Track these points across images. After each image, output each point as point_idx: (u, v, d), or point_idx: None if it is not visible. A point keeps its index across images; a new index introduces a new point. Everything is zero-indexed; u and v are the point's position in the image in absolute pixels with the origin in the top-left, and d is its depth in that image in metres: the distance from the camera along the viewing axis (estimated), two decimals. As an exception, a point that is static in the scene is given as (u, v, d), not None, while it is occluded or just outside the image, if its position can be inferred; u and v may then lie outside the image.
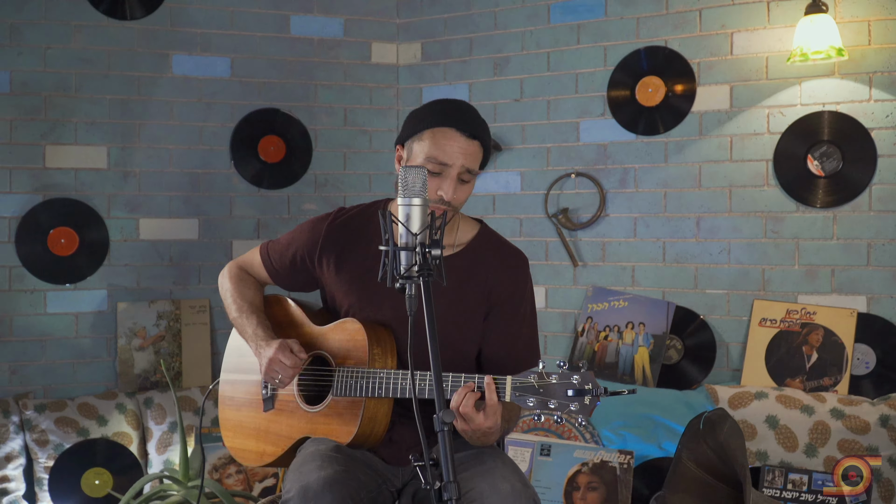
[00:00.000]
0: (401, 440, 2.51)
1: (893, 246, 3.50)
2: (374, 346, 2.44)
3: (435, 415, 1.88)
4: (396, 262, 2.03)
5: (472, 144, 2.36)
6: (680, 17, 3.85)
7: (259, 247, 2.74)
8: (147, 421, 3.98)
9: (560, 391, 2.12)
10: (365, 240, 2.55)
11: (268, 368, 2.48)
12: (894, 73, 3.46)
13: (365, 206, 2.63)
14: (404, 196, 2.03)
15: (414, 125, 2.41)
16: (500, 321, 2.48)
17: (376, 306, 2.50)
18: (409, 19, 4.41)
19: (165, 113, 4.14)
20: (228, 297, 2.71)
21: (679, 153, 3.87)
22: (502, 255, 2.52)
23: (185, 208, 4.18)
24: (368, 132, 4.41)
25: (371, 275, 2.51)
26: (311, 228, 2.63)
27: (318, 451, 2.36)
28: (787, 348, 3.62)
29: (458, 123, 2.35)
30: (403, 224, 2.03)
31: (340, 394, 2.45)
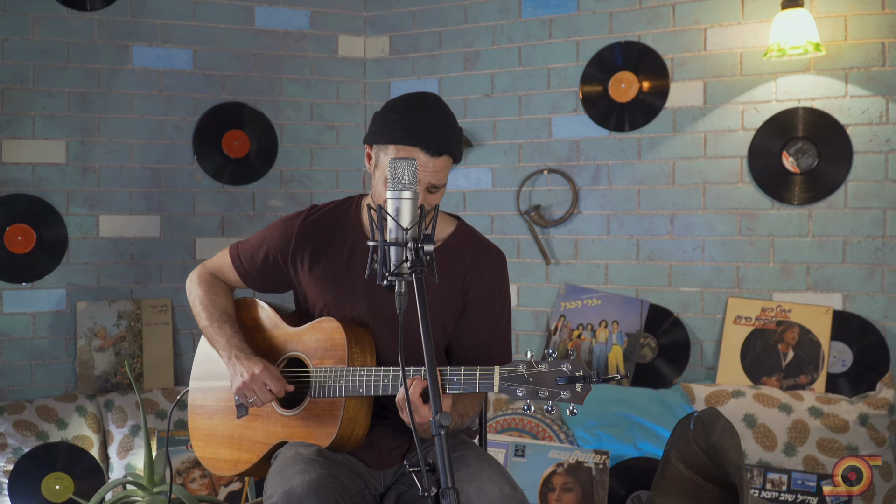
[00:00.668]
0: (381, 442, 2.44)
1: (869, 243, 3.47)
2: (353, 344, 2.37)
3: (432, 418, 1.81)
4: (386, 259, 1.93)
5: (440, 161, 2.29)
6: (653, 11, 3.79)
7: (228, 248, 2.65)
8: (108, 424, 3.84)
9: (550, 379, 2.08)
10: (339, 237, 2.49)
11: (244, 386, 2.39)
12: (871, 69, 3.44)
13: (337, 203, 2.56)
14: (394, 189, 1.94)
15: (380, 133, 2.32)
16: (476, 320, 2.43)
17: (352, 304, 2.43)
18: (376, 12, 4.31)
19: (126, 106, 3.99)
20: (198, 304, 2.62)
21: (652, 150, 3.81)
22: (481, 254, 2.46)
23: (146, 205, 4.04)
24: (336, 127, 4.30)
25: (346, 272, 2.46)
26: (282, 227, 2.55)
27: (300, 455, 2.27)
28: (762, 346, 3.59)
29: (424, 142, 2.26)
30: (394, 218, 1.94)
31: (319, 395, 2.38)
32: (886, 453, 3.25)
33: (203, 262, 2.70)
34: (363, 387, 2.30)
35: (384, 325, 2.41)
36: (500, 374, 2.12)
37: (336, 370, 2.35)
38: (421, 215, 1.96)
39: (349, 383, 2.32)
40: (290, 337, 2.50)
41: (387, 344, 2.41)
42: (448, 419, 1.80)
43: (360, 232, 2.46)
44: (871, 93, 3.44)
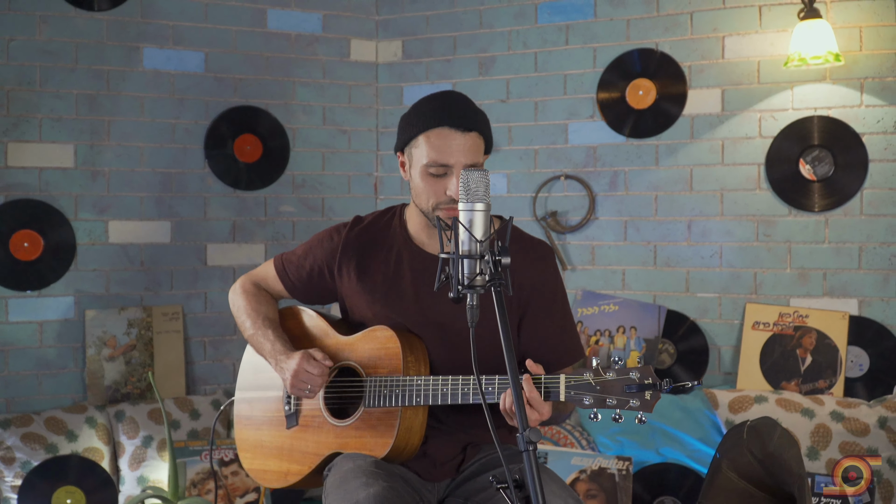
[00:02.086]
0: (435, 454, 2.48)
1: (884, 249, 3.65)
2: (408, 353, 2.42)
3: (519, 434, 1.84)
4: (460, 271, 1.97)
5: (470, 137, 2.34)
6: (671, 19, 3.94)
7: (272, 260, 2.71)
8: (118, 435, 3.87)
9: (618, 387, 2.09)
10: (384, 247, 2.55)
11: (293, 381, 2.45)
12: (885, 78, 3.62)
13: (379, 213, 2.63)
14: (467, 201, 2.00)
15: (407, 130, 2.40)
16: (539, 318, 2.47)
17: (402, 313, 2.48)
18: (389, 16, 4.40)
19: (136, 109, 4.03)
20: (242, 314, 2.68)
21: (670, 156, 3.96)
22: (525, 249, 2.49)
23: (156, 210, 4.08)
24: (347, 132, 4.39)
25: (394, 282, 2.52)
26: (328, 239, 2.61)
27: (359, 467, 2.32)
28: (781, 351, 3.75)
29: (450, 119, 2.32)
30: (468, 230, 2.00)
31: (373, 405, 2.42)
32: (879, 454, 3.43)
33: (247, 273, 2.77)
34: (420, 396, 2.35)
35: (435, 334, 2.47)
36: (566, 382, 2.14)
37: (391, 379, 2.39)
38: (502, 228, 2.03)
39: (406, 392, 2.37)
40: (342, 346, 2.55)
41: (438, 352, 2.47)
42: (538, 435, 1.84)
43: (405, 240, 2.53)
44: (886, 102, 3.62)
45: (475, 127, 2.34)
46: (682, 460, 3.66)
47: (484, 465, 2.48)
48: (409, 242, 2.52)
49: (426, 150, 2.33)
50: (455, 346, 2.46)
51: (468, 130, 2.33)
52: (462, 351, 2.42)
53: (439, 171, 2.32)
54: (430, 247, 2.50)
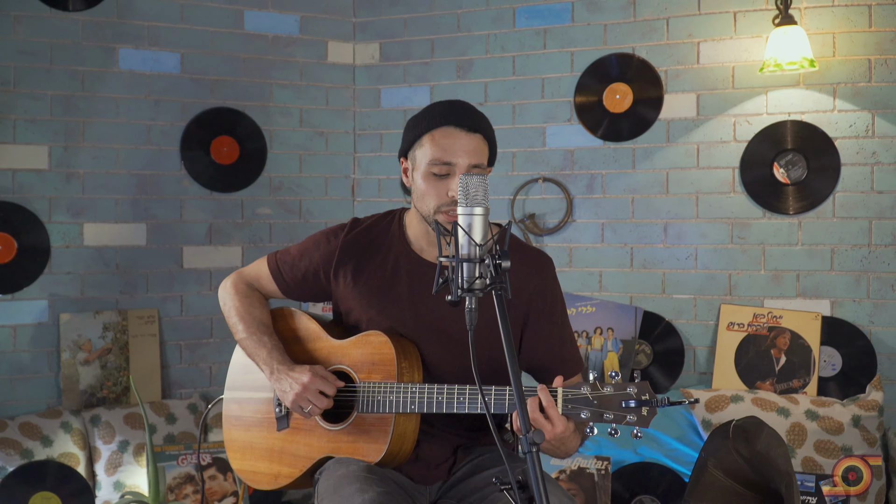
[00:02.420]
0: (427, 457, 2.52)
1: (856, 251, 3.76)
2: (402, 359, 2.44)
3: (523, 435, 1.85)
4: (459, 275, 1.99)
5: (474, 139, 2.38)
6: (647, 24, 4.02)
7: (265, 259, 2.71)
8: (94, 440, 3.85)
9: (615, 402, 2.15)
10: (382, 251, 2.56)
11: (297, 398, 2.45)
12: (858, 84, 3.73)
13: (378, 217, 2.64)
14: (466, 205, 2.01)
15: (412, 132, 2.43)
16: (541, 329, 2.50)
17: (397, 318, 2.50)
18: (366, 18, 4.43)
19: (111, 110, 4.02)
20: (234, 315, 2.67)
21: (646, 160, 4.04)
22: (528, 260, 2.53)
23: (132, 212, 4.07)
24: (325, 134, 4.41)
25: (391, 287, 2.53)
26: (325, 241, 2.62)
27: (352, 473, 2.34)
28: (755, 351, 3.84)
29: (456, 120, 2.37)
30: (467, 233, 2.01)
31: (367, 410, 2.44)
32: (876, 452, 3.53)
33: (238, 270, 2.77)
34: (415, 404, 2.37)
35: (430, 340, 2.49)
36: (564, 395, 2.18)
37: (386, 385, 2.41)
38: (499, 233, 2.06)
39: (400, 399, 2.39)
40: (334, 349, 2.56)
41: (433, 358, 2.49)
42: (541, 437, 1.84)
43: (403, 246, 2.55)
44: (858, 107, 3.73)
45: (480, 129, 2.39)
46: (659, 459, 3.73)
47: (476, 467, 2.51)
48: (407, 248, 2.54)
49: (430, 148, 2.36)
50: (450, 353, 2.49)
51: (473, 131, 2.37)
52: (457, 357, 2.48)
53: (442, 170, 2.35)
54: (428, 253, 2.53)
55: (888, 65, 3.66)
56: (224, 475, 3.91)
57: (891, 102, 3.67)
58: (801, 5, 3.75)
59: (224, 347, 4.24)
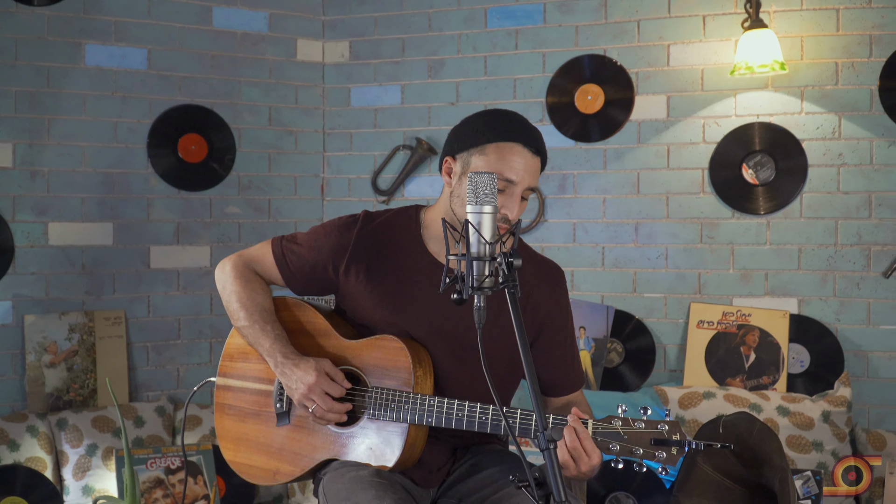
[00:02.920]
0: (430, 461, 2.51)
1: (822, 251, 3.88)
2: (417, 367, 2.42)
3: (539, 432, 1.86)
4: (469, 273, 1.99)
5: (537, 161, 2.39)
6: (618, 27, 4.11)
7: (270, 243, 2.62)
8: (61, 444, 3.80)
9: (645, 439, 2.15)
10: (398, 250, 2.52)
11: (303, 398, 2.43)
12: (825, 87, 3.85)
13: (394, 214, 2.59)
14: (476, 203, 2.01)
15: (474, 136, 2.39)
16: (552, 343, 2.52)
17: (410, 321, 2.48)
18: (335, 16, 4.44)
19: (78, 107, 3.97)
20: (235, 301, 2.58)
21: (618, 160, 4.12)
22: (544, 272, 2.54)
23: (98, 211, 4.02)
24: (294, 132, 4.40)
25: (405, 288, 2.50)
26: (337, 234, 2.55)
27: (364, 478, 2.34)
28: (725, 349, 3.95)
29: (525, 139, 2.36)
30: (478, 231, 2.01)
31: (378, 416, 2.42)
32: (845, 448, 3.66)
33: (238, 252, 2.68)
34: (433, 417, 2.36)
35: (442, 346, 2.48)
36: (594, 428, 2.18)
37: (402, 394, 2.40)
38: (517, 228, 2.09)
39: (416, 411, 2.38)
40: (345, 349, 2.52)
41: (444, 365, 2.48)
42: (560, 434, 1.87)
43: (419, 246, 2.52)
44: (825, 110, 3.86)
45: (543, 153, 2.40)
46: (634, 457, 3.82)
47: (473, 467, 2.53)
48: (423, 249, 2.51)
49: (495, 160, 2.33)
50: (462, 360, 2.48)
51: (537, 153, 2.38)
52: (468, 365, 2.48)
53: (501, 185, 2.32)
54: (445, 256, 2.47)
55: (855, 68, 3.80)
56: (194, 478, 3.89)
57: (857, 105, 3.81)
58: (771, 9, 3.87)
59: (192, 349, 4.21)
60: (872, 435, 3.69)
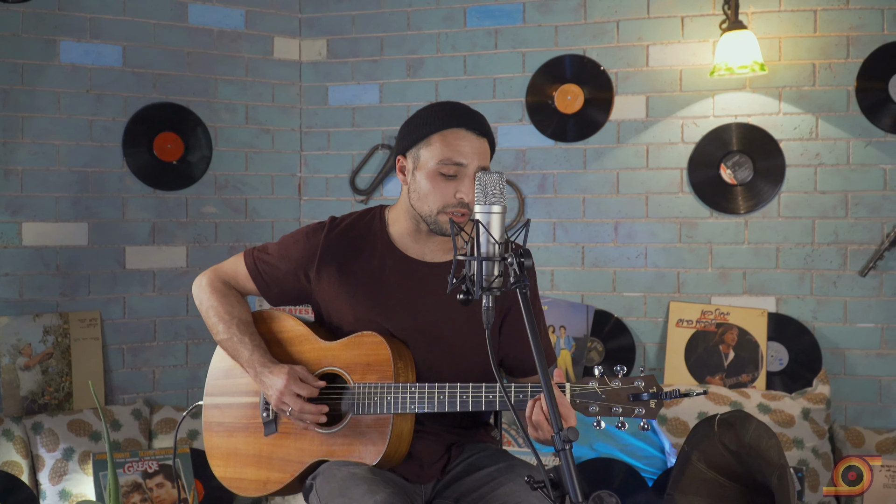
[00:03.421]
0: (421, 456, 2.54)
1: (800, 249, 3.97)
2: (398, 360, 2.47)
3: (555, 433, 1.88)
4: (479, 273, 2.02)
5: (483, 143, 2.45)
6: (598, 27, 4.16)
7: (241, 256, 2.70)
8: (37, 448, 3.76)
9: (623, 396, 2.22)
10: (367, 250, 2.58)
11: (277, 402, 2.47)
12: (802, 87, 3.94)
13: (358, 215, 2.66)
14: (484, 203, 2.06)
15: (418, 131, 2.47)
16: (519, 322, 2.55)
17: (388, 318, 2.52)
18: (312, 14, 4.44)
19: (52, 105, 3.93)
20: (213, 316, 2.65)
21: (597, 160, 4.18)
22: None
23: (73, 211, 3.98)
24: (271, 131, 4.40)
25: (379, 285, 2.55)
26: (305, 241, 2.62)
27: (357, 475, 2.37)
28: (704, 347, 4.02)
29: (467, 122, 2.44)
30: (487, 230, 2.04)
31: (363, 412, 2.46)
32: (825, 445, 3.75)
33: (213, 266, 2.73)
34: (415, 403, 2.40)
35: (420, 340, 2.52)
36: (572, 390, 2.25)
37: (383, 386, 2.44)
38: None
39: (398, 399, 2.41)
40: (324, 351, 2.56)
41: (423, 359, 2.52)
42: (575, 434, 1.88)
43: (387, 244, 2.58)
44: (803, 110, 3.94)
45: (488, 134, 2.47)
46: (615, 455, 3.87)
47: (471, 466, 2.56)
48: (391, 246, 2.57)
49: (440, 148, 2.41)
50: (440, 353, 2.53)
51: (482, 136, 2.44)
52: (446, 357, 2.54)
53: (451, 170, 2.39)
54: (413, 251, 2.56)
55: (832, 69, 3.89)
56: (172, 482, 3.88)
57: (834, 106, 3.90)
58: (749, 10, 3.95)
59: (167, 351, 4.20)
60: (851, 432, 3.79)
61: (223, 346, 2.64)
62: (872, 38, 3.85)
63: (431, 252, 2.57)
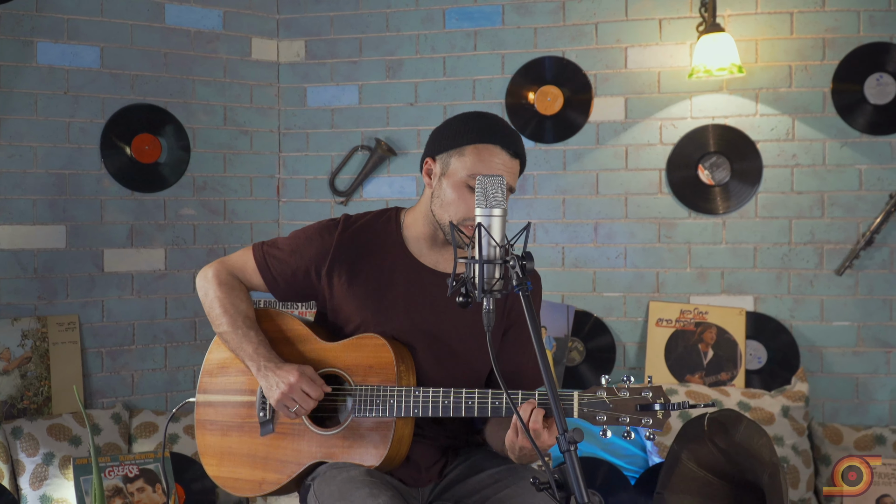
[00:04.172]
0: (419, 460, 2.59)
1: (777, 249, 4.08)
2: (400, 363, 2.50)
3: (560, 434, 1.90)
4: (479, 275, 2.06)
5: (515, 163, 2.49)
6: (577, 29, 4.25)
7: (250, 250, 2.70)
8: (17, 453, 3.78)
9: (630, 406, 2.27)
10: (379, 252, 2.60)
11: (283, 397, 2.49)
12: (779, 89, 4.05)
13: (374, 216, 2.67)
14: (485, 206, 2.09)
15: (453, 138, 2.48)
16: (517, 340, 2.60)
17: (392, 322, 2.56)
18: (290, 15, 4.48)
19: (29, 107, 3.93)
20: (217, 307, 2.65)
21: (577, 161, 4.26)
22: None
23: (50, 213, 3.99)
24: (249, 132, 4.43)
25: (387, 289, 2.58)
26: (318, 238, 2.63)
27: (357, 477, 2.39)
28: (684, 346, 4.12)
29: (503, 141, 2.46)
30: (489, 234, 2.08)
31: (364, 414, 2.48)
32: (804, 442, 3.86)
33: (220, 259, 2.74)
34: (418, 407, 2.43)
35: (423, 345, 2.56)
36: (579, 399, 2.28)
37: (385, 389, 2.47)
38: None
39: (402, 403, 2.45)
40: (326, 351, 2.59)
41: (425, 363, 2.56)
42: (581, 435, 1.90)
43: (401, 248, 2.60)
44: (779, 112, 4.05)
45: (522, 155, 2.50)
46: (597, 454, 3.95)
47: (470, 468, 2.61)
48: (404, 251, 2.60)
49: (473, 162, 2.43)
50: (444, 359, 2.57)
51: (515, 156, 2.48)
52: (448, 363, 2.59)
53: None
54: (427, 258, 2.59)
55: (808, 71, 4.01)
56: (153, 486, 3.90)
57: (810, 107, 4.01)
58: (726, 13, 4.05)
59: (146, 355, 4.22)
60: (829, 429, 3.90)
61: (224, 338, 2.64)
62: (848, 40, 3.97)
63: (445, 261, 2.59)
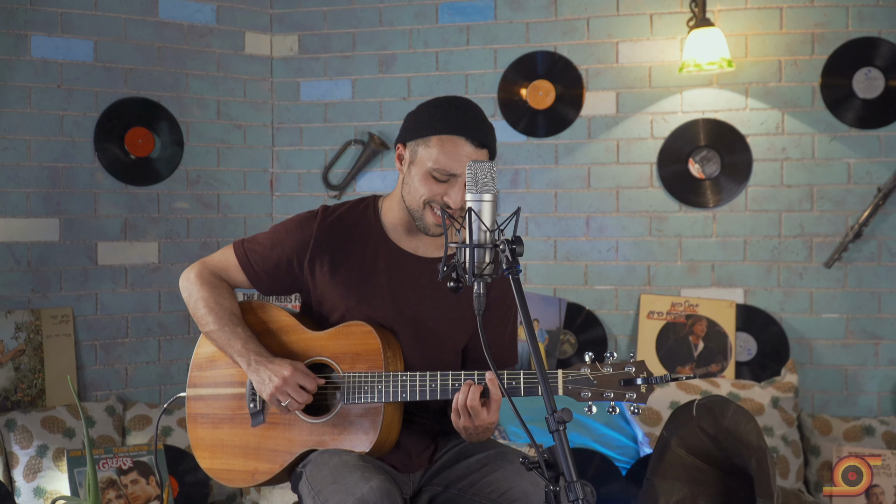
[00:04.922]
0: (409, 445, 2.63)
1: (767, 242, 4.17)
2: (387, 349, 2.54)
3: (548, 416, 1.95)
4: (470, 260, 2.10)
5: (481, 153, 2.48)
6: (568, 24, 4.32)
7: (232, 247, 2.73)
8: (10, 445, 3.83)
9: (614, 381, 2.32)
10: (360, 240, 2.64)
11: (276, 391, 2.51)
12: (769, 83, 4.13)
13: (352, 205, 2.70)
14: (476, 192, 2.13)
15: (420, 126, 2.51)
16: (491, 322, 2.62)
17: (376, 309, 2.60)
18: (283, 10, 4.55)
19: (23, 100, 3.99)
20: (202, 307, 2.68)
21: (568, 155, 4.34)
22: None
23: (44, 207, 4.05)
24: (243, 127, 4.49)
25: (370, 277, 2.62)
26: (297, 229, 2.66)
27: (349, 462, 2.43)
28: (675, 338, 4.20)
29: (468, 132, 2.46)
30: (479, 218, 2.11)
31: (353, 401, 2.52)
32: (793, 433, 3.95)
33: (201, 259, 2.77)
34: (406, 392, 2.47)
35: (409, 331, 2.61)
36: (564, 377, 2.34)
37: (373, 375, 2.51)
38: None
39: (390, 388, 2.49)
40: (312, 341, 2.63)
41: (411, 349, 2.60)
42: (569, 415, 1.95)
43: (381, 235, 2.64)
44: (769, 106, 4.14)
45: (487, 144, 2.50)
46: (589, 444, 4.03)
47: (459, 453, 2.64)
48: (384, 237, 2.64)
49: (437, 154, 2.46)
50: (428, 343, 2.62)
51: (481, 147, 2.48)
52: (434, 348, 2.63)
53: (443, 176, 2.46)
54: (406, 243, 2.64)
55: (797, 65, 4.09)
56: (146, 479, 3.96)
57: (800, 101, 4.10)
58: (715, 8, 4.13)
59: (140, 347, 4.28)
60: (818, 420, 3.99)
61: (212, 336, 2.68)
62: (837, 35, 4.06)
63: (424, 246, 2.64)
